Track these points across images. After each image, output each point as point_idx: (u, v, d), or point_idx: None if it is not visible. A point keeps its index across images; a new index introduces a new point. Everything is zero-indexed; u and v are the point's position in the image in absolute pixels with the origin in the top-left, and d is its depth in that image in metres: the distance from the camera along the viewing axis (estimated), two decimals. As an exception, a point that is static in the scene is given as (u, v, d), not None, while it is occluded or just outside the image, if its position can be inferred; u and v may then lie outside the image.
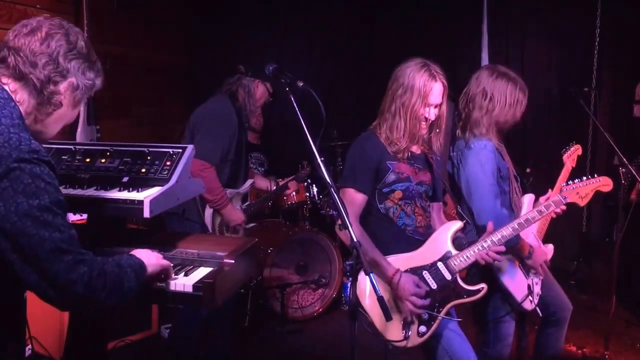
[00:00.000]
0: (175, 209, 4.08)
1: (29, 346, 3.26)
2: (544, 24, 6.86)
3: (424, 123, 3.12)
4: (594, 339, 4.96)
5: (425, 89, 3.05)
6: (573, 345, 4.84)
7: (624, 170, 4.72)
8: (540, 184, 3.86)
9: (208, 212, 4.27)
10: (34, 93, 1.93)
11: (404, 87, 3.08)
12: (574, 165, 3.79)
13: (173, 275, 2.29)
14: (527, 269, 3.49)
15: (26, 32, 1.95)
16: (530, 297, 3.45)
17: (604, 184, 3.40)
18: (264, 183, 5.33)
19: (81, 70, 2.01)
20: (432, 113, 3.09)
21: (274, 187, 5.24)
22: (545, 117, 6.69)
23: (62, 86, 1.97)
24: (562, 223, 3.66)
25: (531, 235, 3.58)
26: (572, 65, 6.74)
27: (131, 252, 2.15)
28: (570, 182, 3.39)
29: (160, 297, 2.33)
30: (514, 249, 3.34)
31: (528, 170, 5.75)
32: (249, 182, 4.65)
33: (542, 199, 3.56)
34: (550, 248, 3.62)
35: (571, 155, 3.82)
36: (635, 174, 4.46)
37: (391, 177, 3.11)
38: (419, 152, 3.25)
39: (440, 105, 3.12)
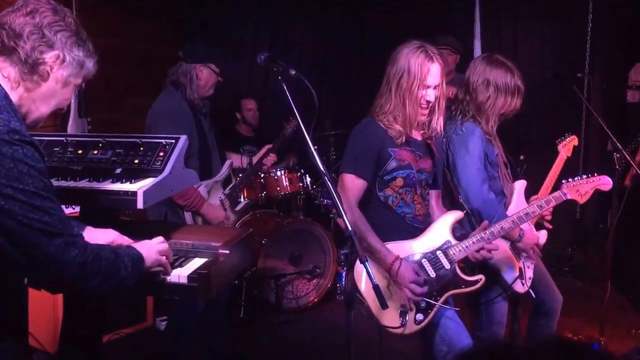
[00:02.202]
0: (156, 216, 4.03)
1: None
2: (537, 9, 6.84)
3: (424, 108, 3.09)
4: (589, 326, 4.96)
5: (422, 71, 3.02)
6: (568, 332, 4.85)
7: (618, 155, 4.71)
8: (533, 170, 3.87)
9: (188, 214, 4.09)
10: (19, 64, 1.89)
11: (401, 70, 3.04)
12: (569, 155, 3.81)
13: (170, 270, 2.26)
14: (518, 252, 3.50)
15: (11, 10, 1.93)
16: (521, 280, 3.47)
17: (604, 183, 3.41)
18: (236, 161, 5.14)
19: (69, 44, 1.97)
20: (431, 95, 3.06)
21: (247, 164, 4.97)
22: (538, 103, 6.67)
23: (48, 56, 1.93)
24: (556, 210, 3.66)
25: None
26: (565, 50, 6.74)
27: (131, 245, 2.15)
28: (571, 179, 3.40)
29: (156, 289, 2.31)
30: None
31: (522, 157, 5.76)
32: (227, 164, 4.46)
33: (532, 198, 3.64)
34: (543, 233, 3.62)
35: (566, 145, 3.84)
36: (629, 159, 4.45)
37: (392, 164, 3.09)
38: (420, 138, 3.22)
39: (439, 86, 3.09)
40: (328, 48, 7.34)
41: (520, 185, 3.64)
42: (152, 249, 2.18)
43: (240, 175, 4.88)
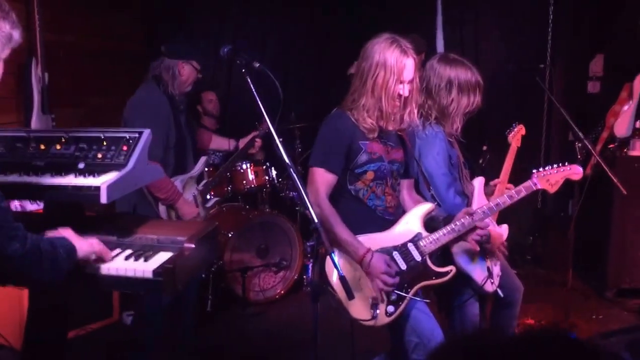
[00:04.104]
0: (125, 208, 4.01)
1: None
2: (498, 1, 6.91)
3: (398, 101, 3.08)
4: (552, 312, 5.05)
5: (398, 66, 3.00)
6: (531, 318, 4.92)
7: (579, 145, 4.79)
8: (496, 161, 3.90)
9: (162, 207, 4.12)
10: None
11: (376, 65, 3.01)
12: (519, 145, 3.82)
13: (110, 260, 2.28)
14: (484, 252, 3.52)
15: None
16: (490, 280, 3.48)
17: (574, 172, 3.41)
18: (222, 142, 5.09)
19: None
20: (405, 89, 3.05)
21: (233, 147, 4.99)
22: (501, 94, 6.73)
23: None
24: (517, 199, 3.70)
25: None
26: (526, 42, 6.81)
27: (63, 235, 2.14)
28: (542, 168, 3.41)
29: (121, 284, 2.31)
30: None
31: (484, 148, 5.81)
32: (201, 160, 4.49)
33: (492, 183, 3.67)
34: (504, 228, 3.65)
35: (515, 135, 3.84)
36: (590, 148, 4.53)
37: (363, 157, 3.09)
38: (391, 128, 3.20)
39: (412, 80, 3.08)
40: (292, 41, 7.32)
41: (479, 183, 3.64)
42: (84, 240, 2.19)
43: (209, 170, 4.88)
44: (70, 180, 2.33)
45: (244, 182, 5.70)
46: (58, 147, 2.49)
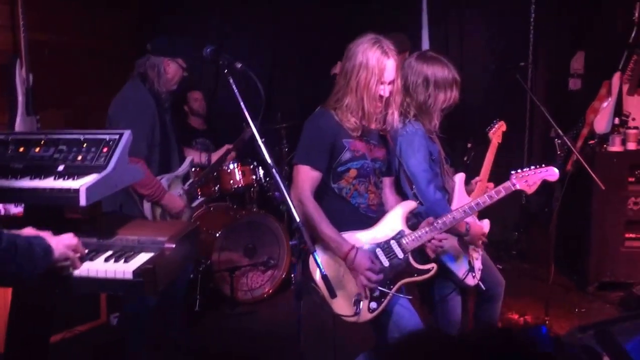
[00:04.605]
0: (111, 206, 4.01)
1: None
2: (482, 0, 6.95)
3: (379, 102, 3.12)
4: (535, 306, 5.08)
5: (379, 67, 3.04)
6: (515, 312, 4.97)
7: (559, 142, 4.84)
8: (481, 158, 3.95)
9: (147, 204, 4.12)
10: None
11: (359, 65, 3.05)
12: (499, 141, 3.88)
13: (79, 265, 2.28)
14: (465, 246, 3.57)
15: None
16: (472, 273, 3.53)
17: (550, 174, 3.47)
18: (194, 156, 5.11)
19: None
20: (386, 90, 3.09)
21: (205, 160, 5.02)
22: (483, 93, 6.79)
23: None
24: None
25: None
26: (508, 40, 6.86)
27: (40, 235, 2.15)
28: (520, 170, 3.46)
29: (101, 285, 2.33)
30: (452, 227, 3.41)
31: (469, 145, 5.86)
32: (187, 160, 4.50)
33: (473, 181, 3.74)
34: (486, 222, 3.70)
35: (496, 131, 3.90)
36: (570, 145, 4.58)
37: (346, 155, 3.13)
38: (373, 127, 3.24)
39: (394, 81, 3.12)
40: (278, 41, 7.34)
41: (459, 178, 3.69)
42: (60, 242, 2.19)
43: (196, 169, 4.88)
44: (49, 182, 2.35)
45: (232, 181, 5.71)
46: (37, 149, 2.51)
